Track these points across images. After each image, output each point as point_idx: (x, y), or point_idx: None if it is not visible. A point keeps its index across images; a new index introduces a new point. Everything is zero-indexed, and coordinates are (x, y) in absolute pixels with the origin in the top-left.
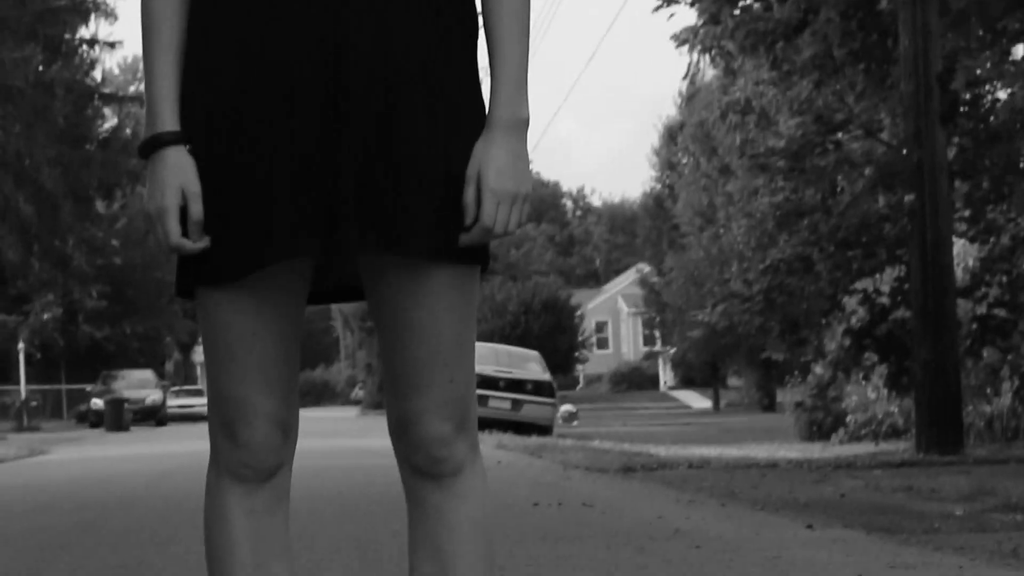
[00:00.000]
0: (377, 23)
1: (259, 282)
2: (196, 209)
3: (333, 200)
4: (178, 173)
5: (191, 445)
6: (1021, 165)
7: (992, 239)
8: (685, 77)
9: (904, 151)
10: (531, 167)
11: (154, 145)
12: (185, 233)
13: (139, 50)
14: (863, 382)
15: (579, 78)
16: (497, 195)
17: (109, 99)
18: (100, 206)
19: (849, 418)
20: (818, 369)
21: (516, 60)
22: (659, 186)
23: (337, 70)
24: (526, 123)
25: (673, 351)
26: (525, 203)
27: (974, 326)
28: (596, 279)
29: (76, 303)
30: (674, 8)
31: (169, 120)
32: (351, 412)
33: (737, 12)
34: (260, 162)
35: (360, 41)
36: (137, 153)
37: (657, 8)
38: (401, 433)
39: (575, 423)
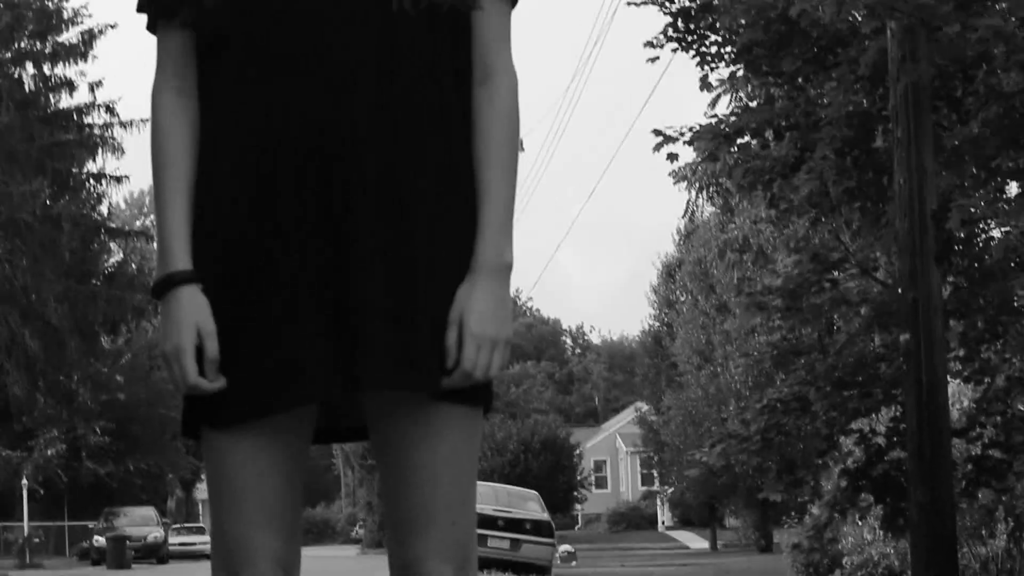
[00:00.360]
0: (391, 152)
1: (266, 424)
2: (212, 348)
3: (345, 342)
4: (193, 312)
5: None
6: (1016, 304)
7: (987, 379)
8: (684, 215)
9: (899, 290)
10: (531, 304)
11: (168, 285)
12: (201, 372)
13: (146, 184)
14: (859, 523)
15: (579, 214)
16: (478, 339)
17: (115, 233)
18: (105, 341)
19: (845, 560)
20: (815, 510)
21: (501, 204)
22: (657, 324)
23: (346, 208)
24: (509, 267)
25: (671, 491)
26: (506, 347)
27: (969, 467)
28: (595, 417)
29: (80, 439)
30: (673, 146)
31: (182, 259)
32: (351, 551)
33: (735, 150)
34: (271, 304)
35: (369, 180)
36: (150, 292)
37: (657, 147)
38: (402, 574)
39: (574, 563)
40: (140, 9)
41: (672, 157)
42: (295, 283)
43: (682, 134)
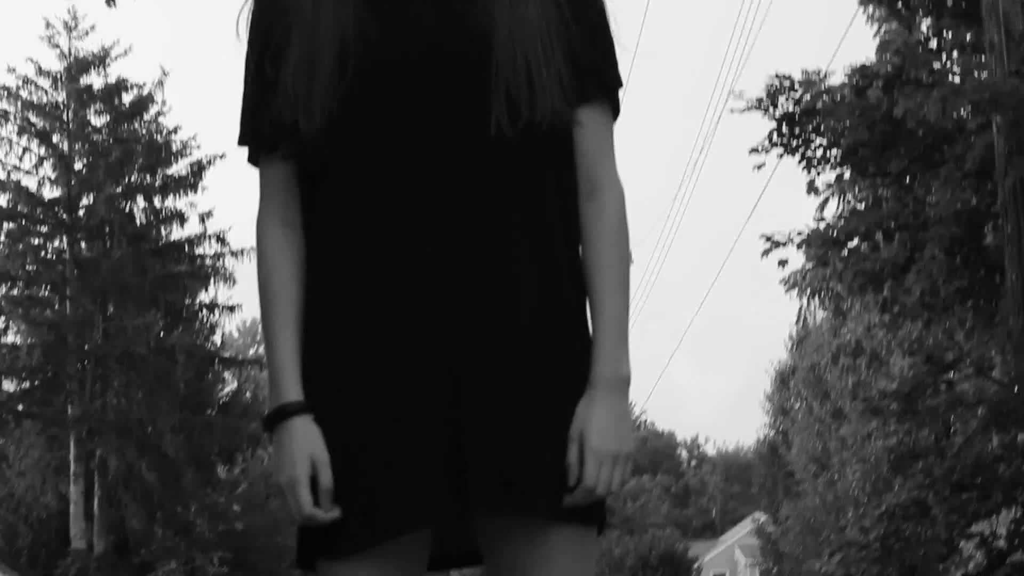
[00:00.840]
0: (495, 282)
1: (381, 552)
2: (327, 477)
3: (458, 464)
4: (306, 443)
5: None
6: None
7: None
8: (796, 321)
9: (1016, 388)
10: (645, 418)
11: (280, 416)
12: (316, 502)
13: (258, 313)
14: None
15: (690, 324)
16: (599, 456)
17: (229, 363)
18: (221, 471)
19: None
20: None
21: (615, 318)
22: (773, 432)
23: (456, 331)
24: (627, 381)
25: None
26: (628, 462)
27: None
28: (713, 530)
29: (198, 570)
30: (783, 251)
31: (293, 390)
32: None
33: (845, 254)
34: (382, 431)
35: (472, 307)
36: (261, 423)
37: (766, 252)
38: None
39: None
40: (242, 143)
41: (782, 263)
42: (405, 410)
43: (791, 239)
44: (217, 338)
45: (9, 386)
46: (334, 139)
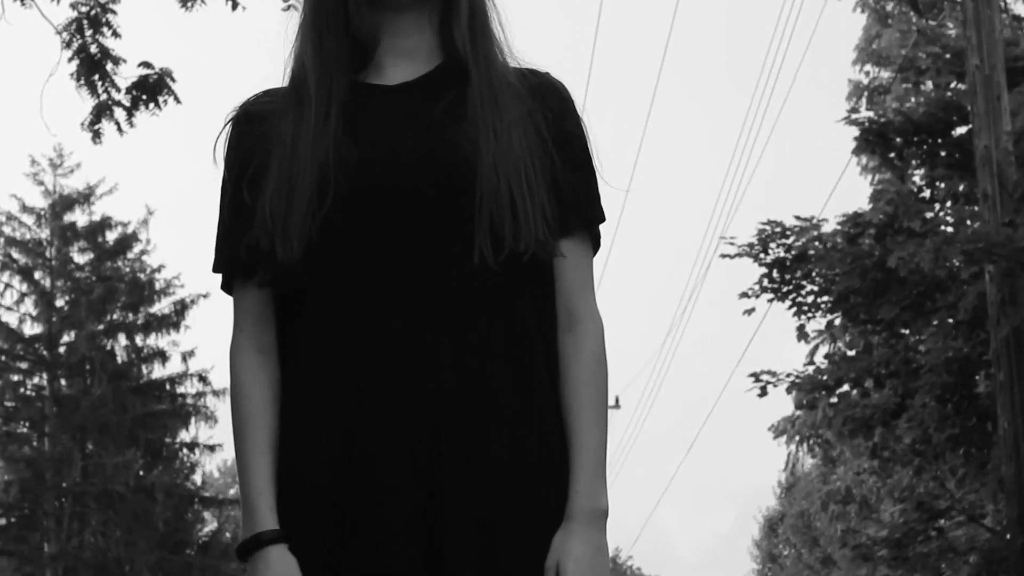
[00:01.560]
0: (475, 412)
1: None
2: None
3: None
4: (282, 572)
5: None
6: None
7: None
8: (785, 468)
9: (1008, 536)
10: (632, 563)
11: (255, 545)
12: None
13: None
14: None
15: (677, 470)
16: None
17: (209, 503)
18: None
19: None
20: None
21: (593, 450)
22: None
23: (435, 459)
24: (605, 513)
25: None
26: None
27: None
28: None
29: None
30: (771, 393)
31: (268, 519)
32: None
33: (835, 400)
34: (359, 556)
35: (452, 432)
36: (236, 555)
37: (763, 391)
38: None
39: None
40: (216, 269)
41: (763, 390)
42: (383, 534)
43: (780, 379)
44: (197, 477)
45: None
46: (312, 267)
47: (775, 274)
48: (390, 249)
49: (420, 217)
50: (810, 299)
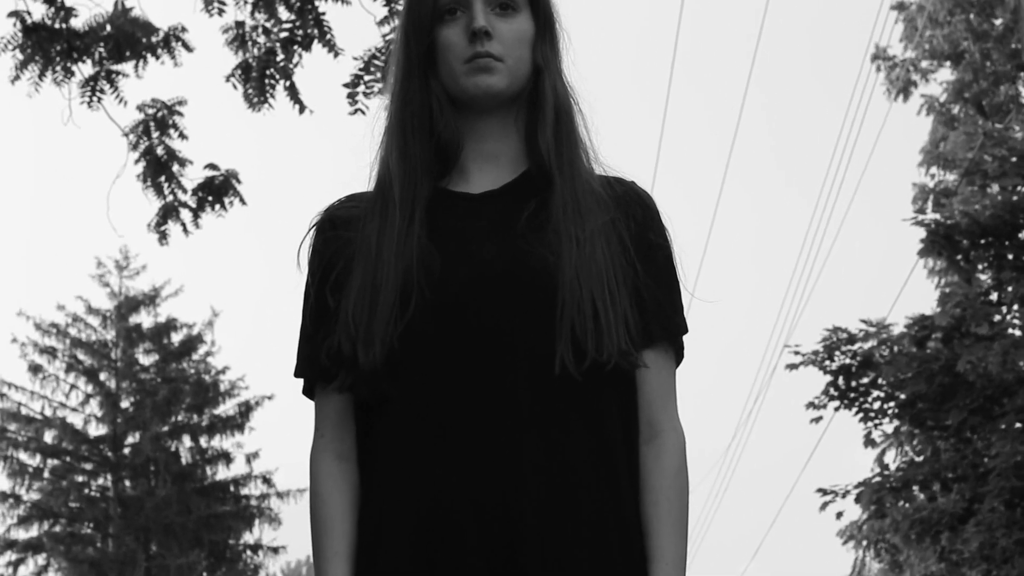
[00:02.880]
0: (558, 528)
1: None
2: None
3: None
4: None
5: None
6: None
7: None
8: (852, 573)
9: None
10: None
11: None
12: None
13: (303, 555)
14: None
15: (744, 572)
16: None
17: None
18: None
19: None
20: None
21: (671, 564)
22: None
23: (513, 568)
24: None
25: None
26: None
27: None
28: None
29: None
30: (840, 504)
31: None
32: None
33: (902, 504)
34: None
35: (534, 542)
36: None
37: (824, 505)
38: None
39: None
40: (298, 374)
41: (839, 515)
42: None
43: (848, 491)
44: None
45: None
46: (393, 373)
47: (841, 381)
48: (472, 358)
49: (502, 326)
50: (876, 405)
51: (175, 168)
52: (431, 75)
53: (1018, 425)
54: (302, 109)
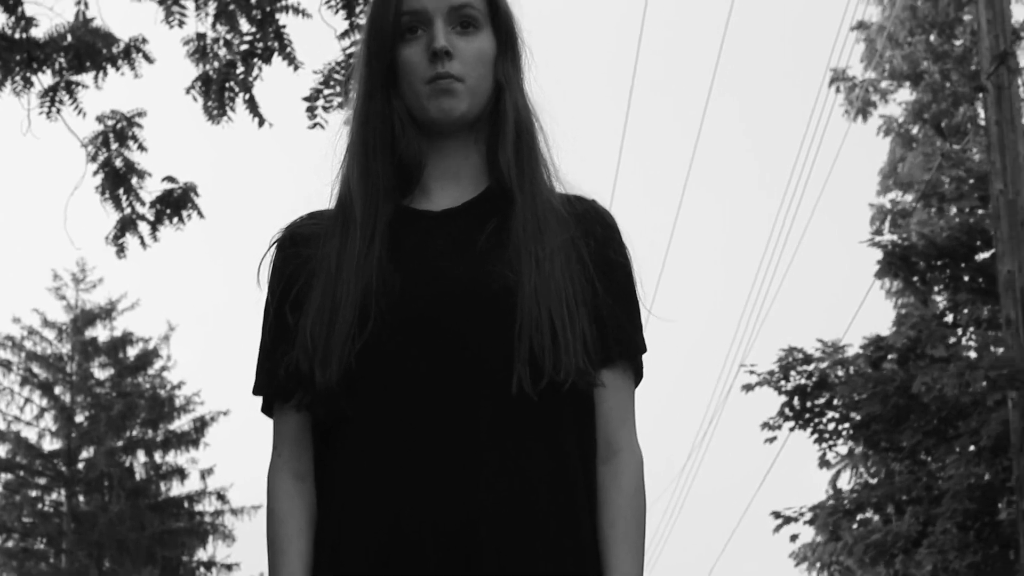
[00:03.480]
0: (516, 546)
1: None
2: None
3: None
4: None
5: None
6: None
7: None
8: None
9: None
10: None
11: None
12: None
13: (255, 572)
14: None
15: None
16: None
17: None
18: None
19: None
20: None
21: None
22: None
23: None
24: None
25: None
26: None
27: None
28: None
29: None
30: (794, 527)
31: None
32: None
33: (856, 526)
34: None
35: (490, 558)
36: None
37: (777, 528)
38: None
39: None
40: (256, 392)
41: (793, 538)
42: None
43: (802, 514)
44: None
45: None
46: (350, 392)
47: (796, 402)
48: (429, 377)
49: (460, 345)
50: (831, 427)
51: (134, 180)
52: (393, 94)
53: (972, 448)
54: (261, 122)
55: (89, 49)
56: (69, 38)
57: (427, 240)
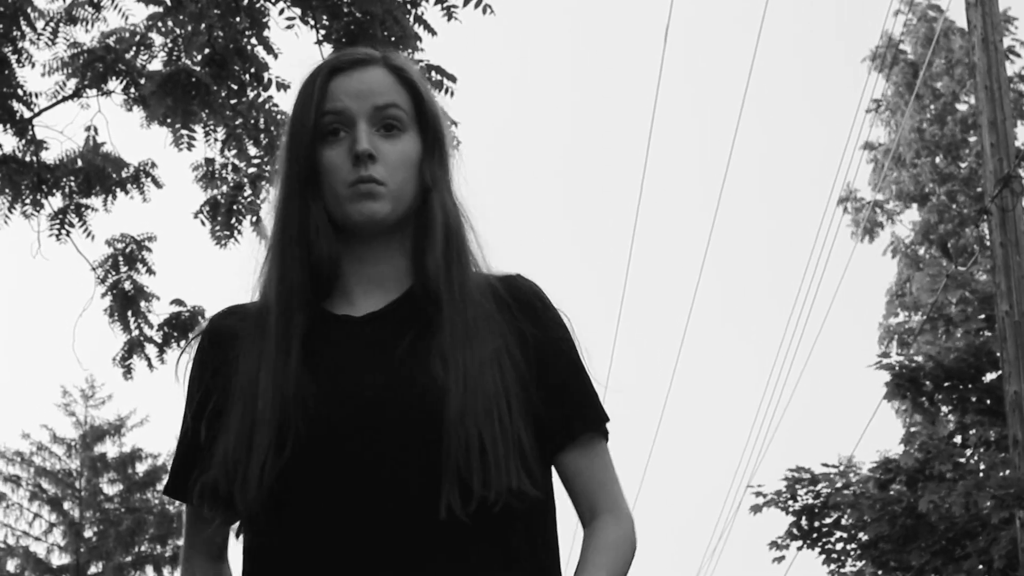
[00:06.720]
0: None
1: None
2: None
3: None
4: None
5: None
6: None
7: None
8: None
9: None
10: None
11: None
12: None
13: None
14: None
15: None
16: None
17: None
18: None
19: None
20: None
21: None
22: None
23: None
24: None
25: None
26: None
27: None
28: None
29: None
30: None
31: None
32: None
33: None
34: None
35: None
36: None
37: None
38: None
39: None
40: (168, 494)
41: None
42: None
43: None
44: None
45: None
46: (270, 514)
47: (804, 521)
48: (351, 501)
49: (383, 463)
50: (839, 546)
51: (142, 304)
52: (312, 197)
53: (980, 567)
54: None
55: (99, 173)
56: (79, 162)
57: (347, 349)
